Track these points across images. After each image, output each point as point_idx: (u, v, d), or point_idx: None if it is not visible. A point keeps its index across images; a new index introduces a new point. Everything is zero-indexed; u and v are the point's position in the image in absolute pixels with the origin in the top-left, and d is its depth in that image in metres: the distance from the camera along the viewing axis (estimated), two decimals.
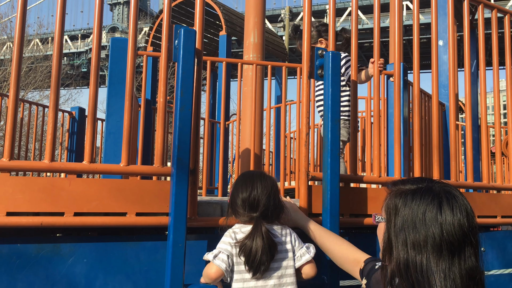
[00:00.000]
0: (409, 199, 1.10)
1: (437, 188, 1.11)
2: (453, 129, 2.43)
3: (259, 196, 1.74)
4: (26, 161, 1.83)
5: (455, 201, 1.08)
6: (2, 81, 17.58)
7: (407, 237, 1.06)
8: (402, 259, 1.05)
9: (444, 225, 1.04)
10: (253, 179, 1.79)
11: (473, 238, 1.05)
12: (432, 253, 1.02)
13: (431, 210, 1.06)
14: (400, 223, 1.08)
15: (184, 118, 1.85)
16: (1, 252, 1.72)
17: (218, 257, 1.71)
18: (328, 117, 2.05)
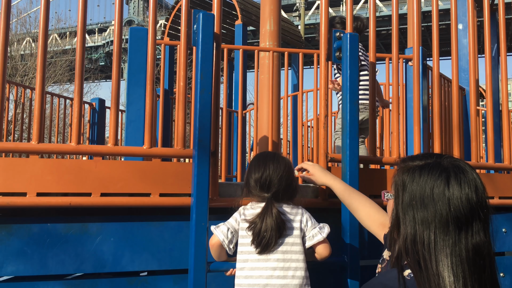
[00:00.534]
0: (416, 175, 1.09)
1: (445, 163, 1.09)
2: (474, 110, 2.42)
3: (271, 177, 1.77)
4: (53, 144, 1.90)
5: (464, 176, 1.06)
6: (23, 75, 17.92)
7: (415, 213, 1.05)
8: (410, 234, 1.05)
9: (452, 200, 1.02)
10: (266, 160, 1.82)
11: (481, 213, 1.02)
12: (439, 228, 1.02)
13: (438, 185, 1.05)
14: (408, 199, 1.07)
15: (204, 101, 1.89)
16: (33, 231, 1.80)
17: (219, 228, 1.78)
18: (346, 98, 2.06)
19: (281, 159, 1.83)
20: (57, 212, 1.85)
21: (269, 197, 1.76)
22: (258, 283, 1.69)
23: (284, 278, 1.69)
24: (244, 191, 1.86)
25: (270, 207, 1.73)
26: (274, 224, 1.70)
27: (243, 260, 1.75)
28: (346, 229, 2.06)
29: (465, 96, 4.86)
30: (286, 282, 1.68)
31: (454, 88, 2.36)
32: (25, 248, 1.78)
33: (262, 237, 1.69)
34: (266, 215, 1.71)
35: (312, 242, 1.78)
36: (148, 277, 1.92)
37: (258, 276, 1.70)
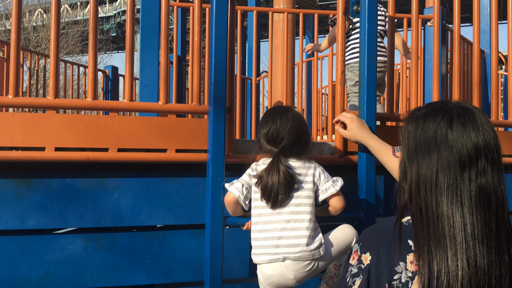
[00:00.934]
0: (420, 122, 1.05)
1: (450, 106, 1.05)
2: (495, 67, 2.36)
3: (278, 131, 1.75)
4: (70, 99, 1.90)
5: (468, 117, 1.01)
6: (36, 46, 17.97)
7: (420, 159, 1.02)
8: (414, 180, 1.02)
9: (455, 142, 0.99)
10: (275, 114, 1.79)
11: (489, 154, 0.98)
12: (441, 171, 0.98)
13: (441, 127, 1.01)
14: (413, 146, 1.04)
15: (219, 56, 1.86)
16: (52, 186, 1.83)
17: (234, 184, 1.77)
18: (364, 53, 2.02)
19: (290, 113, 1.79)
20: (76, 167, 1.87)
21: (276, 152, 1.74)
22: (273, 236, 1.70)
23: (298, 229, 1.70)
24: (256, 147, 1.85)
25: (276, 162, 1.72)
26: (282, 179, 1.69)
27: (257, 214, 1.76)
28: (362, 185, 2.05)
29: (485, 59, 4.74)
30: (300, 233, 1.70)
31: (475, 45, 2.29)
32: (45, 202, 1.81)
33: (269, 191, 1.70)
34: (272, 169, 1.71)
35: (325, 195, 1.77)
36: (166, 232, 1.95)
37: (272, 229, 1.71)
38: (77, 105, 1.89)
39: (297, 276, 1.69)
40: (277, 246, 1.69)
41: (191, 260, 1.96)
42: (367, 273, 0.98)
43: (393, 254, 0.98)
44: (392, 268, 0.97)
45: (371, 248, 1.01)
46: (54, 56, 1.78)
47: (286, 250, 1.68)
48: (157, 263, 1.91)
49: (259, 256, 1.72)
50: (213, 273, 1.79)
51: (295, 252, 1.67)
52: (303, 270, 1.70)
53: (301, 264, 1.69)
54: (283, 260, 1.68)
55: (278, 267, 1.69)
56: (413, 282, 0.95)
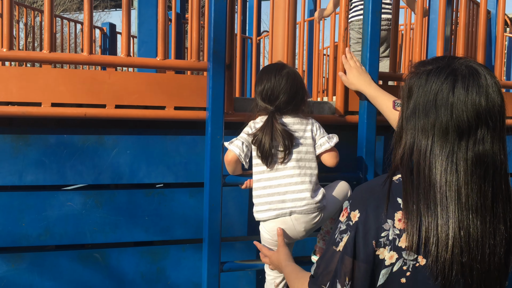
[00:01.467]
0: (423, 80, 0.99)
1: (456, 65, 0.98)
2: (501, 28, 2.29)
3: (272, 89, 1.73)
4: (65, 54, 1.86)
5: (474, 79, 0.95)
6: (33, 2, 17.54)
7: (417, 121, 0.98)
8: (409, 142, 0.98)
9: (455, 106, 0.93)
10: (269, 72, 1.77)
11: (490, 121, 0.93)
12: (437, 136, 0.94)
13: (443, 90, 0.95)
14: (412, 107, 0.99)
15: (219, 10, 1.80)
16: (50, 142, 1.81)
17: (233, 143, 1.76)
18: (368, 8, 1.95)
19: (285, 70, 1.76)
20: (73, 123, 1.84)
21: (272, 110, 1.73)
22: (278, 191, 1.71)
23: (302, 183, 1.71)
24: (253, 105, 1.84)
25: (271, 120, 1.71)
26: (279, 137, 1.68)
27: (259, 171, 1.75)
28: (362, 146, 2.04)
29: (490, 20, 4.63)
30: (304, 187, 1.71)
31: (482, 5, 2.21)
32: (43, 158, 1.80)
33: (263, 149, 1.69)
34: (266, 127, 1.70)
35: (320, 150, 1.78)
36: (165, 189, 1.95)
37: (276, 185, 1.72)
38: (72, 59, 1.84)
39: (307, 228, 1.73)
40: (283, 201, 1.70)
41: (190, 218, 1.97)
42: (354, 230, 0.97)
43: (382, 211, 0.96)
44: (380, 226, 0.95)
45: (360, 206, 0.99)
46: (49, 9, 1.72)
47: (292, 204, 1.69)
48: (156, 221, 1.92)
49: (264, 212, 1.72)
50: (211, 230, 1.80)
51: (301, 206, 1.69)
52: (312, 222, 1.73)
53: (309, 216, 1.71)
54: (290, 214, 1.70)
55: (288, 221, 1.70)
56: (400, 240, 0.94)
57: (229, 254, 2.01)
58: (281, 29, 4.51)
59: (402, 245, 0.94)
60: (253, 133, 1.74)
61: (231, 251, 2.05)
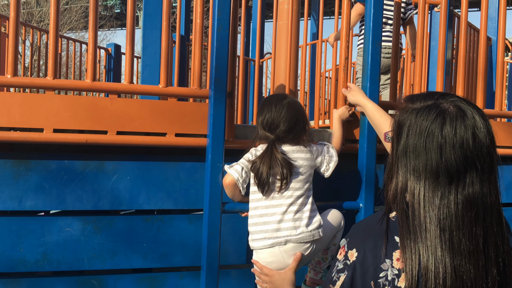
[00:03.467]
0: (412, 119, 0.98)
1: (445, 106, 0.97)
2: (501, 56, 2.31)
3: (273, 119, 1.76)
4: (69, 80, 1.88)
5: (461, 119, 0.93)
6: (39, 21, 17.78)
7: (407, 161, 0.97)
8: (401, 182, 0.98)
9: (444, 148, 0.92)
10: (271, 102, 1.80)
11: (478, 163, 0.92)
12: (429, 179, 0.94)
13: (432, 131, 0.94)
14: (402, 146, 0.99)
15: (222, 39, 1.83)
16: (50, 167, 1.82)
17: (233, 167, 1.79)
18: (368, 39, 1.98)
19: (286, 100, 1.79)
20: (74, 149, 1.85)
21: (272, 139, 1.75)
22: (274, 220, 1.71)
23: (299, 212, 1.72)
24: (255, 134, 1.85)
25: (270, 148, 1.72)
26: (278, 166, 1.70)
27: (257, 199, 1.75)
28: (362, 174, 2.04)
29: (491, 46, 4.66)
30: (300, 215, 1.71)
31: (482, 32, 2.24)
32: (43, 183, 1.81)
33: (260, 177, 1.70)
34: (265, 156, 1.72)
35: (329, 172, 1.86)
36: (164, 216, 1.95)
37: (272, 213, 1.72)
38: (76, 86, 1.87)
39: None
40: (277, 230, 1.69)
41: (189, 244, 1.96)
42: (352, 270, 0.96)
43: (380, 251, 0.95)
44: (378, 266, 0.95)
45: (357, 245, 0.99)
46: (54, 36, 1.75)
47: (287, 233, 1.69)
48: (155, 247, 1.92)
49: (259, 241, 1.72)
50: (210, 258, 1.79)
51: (296, 234, 1.69)
52: (304, 253, 1.71)
53: (302, 247, 1.70)
54: (285, 243, 1.69)
55: (277, 253, 1.69)
56: (399, 280, 0.93)
57: (227, 282, 2.00)
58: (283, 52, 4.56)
59: (402, 285, 0.93)
60: (252, 160, 1.76)
61: (229, 278, 2.03)
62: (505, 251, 0.95)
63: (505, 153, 2.37)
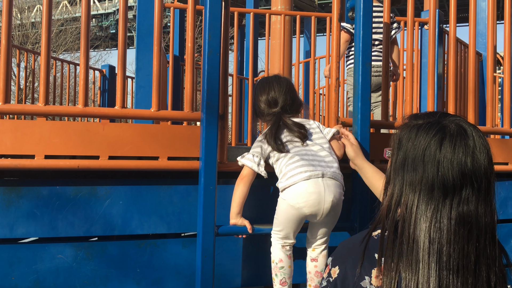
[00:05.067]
0: (413, 134, 1.00)
1: (446, 123, 0.99)
2: (491, 74, 2.34)
3: (277, 94, 1.91)
4: (60, 106, 1.88)
5: (462, 138, 0.96)
6: (35, 43, 17.88)
7: (405, 174, 0.98)
8: (396, 195, 0.99)
9: (441, 164, 0.94)
10: (269, 81, 1.97)
11: (475, 182, 0.93)
12: (423, 191, 0.95)
13: (431, 146, 0.96)
14: (401, 159, 1.00)
15: (213, 62, 1.84)
16: (42, 194, 1.80)
17: (245, 157, 1.88)
18: (359, 60, 2.00)
19: (283, 78, 1.99)
20: (66, 175, 1.85)
21: (278, 111, 1.90)
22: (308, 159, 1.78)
23: (328, 156, 1.84)
24: (259, 115, 1.98)
25: (279, 117, 1.87)
26: (291, 129, 1.84)
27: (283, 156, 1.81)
28: (355, 194, 2.04)
29: (482, 62, 4.72)
30: (331, 158, 1.84)
31: (471, 50, 2.27)
32: (35, 210, 1.79)
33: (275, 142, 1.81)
34: (275, 123, 1.86)
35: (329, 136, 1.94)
36: (157, 240, 1.93)
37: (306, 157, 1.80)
38: (67, 112, 1.87)
39: (333, 201, 1.75)
40: (314, 165, 1.77)
41: (183, 269, 1.94)
42: (333, 287, 0.98)
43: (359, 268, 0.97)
44: (358, 283, 0.95)
45: (340, 262, 1.00)
46: (45, 63, 1.75)
47: (322, 169, 1.77)
48: (148, 272, 1.89)
49: (295, 176, 1.74)
50: (204, 283, 1.77)
51: (330, 171, 1.78)
52: (338, 192, 1.78)
53: (337, 184, 1.79)
54: (322, 176, 1.75)
55: (320, 182, 1.74)
56: None
57: None
58: (276, 71, 4.60)
59: None
60: (264, 133, 1.88)
61: None
62: (497, 272, 0.95)
63: (499, 170, 2.38)
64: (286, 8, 4.38)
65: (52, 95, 6.84)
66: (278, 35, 4.29)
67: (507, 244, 2.43)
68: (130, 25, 26.64)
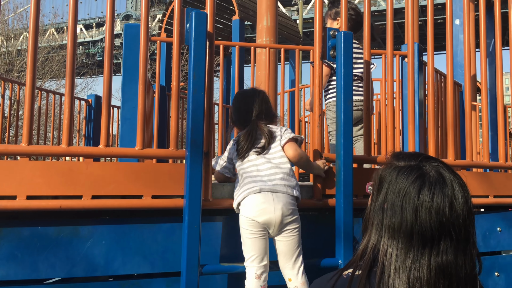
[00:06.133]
0: (393, 176, 1.00)
1: (426, 169, 0.99)
2: (469, 108, 2.40)
3: (252, 104, 2.08)
4: (44, 146, 1.87)
5: (440, 186, 0.95)
6: (20, 70, 17.82)
7: (384, 217, 0.98)
8: (374, 238, 0.98)
9: (420, 211, 0.93)
10: (245, 93, 2.20)
11: (453, 232, 0.93)
12: (403, 239, 0.94)
13: (410, 192, 0.96)
14: (381, 201, 1.00)
15: (197, 101, 1.87)
16: (23, 235, 1.78)
17: (214, 159, 2.14)
18: (340, 97, 2.04)
19: (258, 90, 2.17)
20: (48, 215, 1.83)
21: (253, 119, 2.04)
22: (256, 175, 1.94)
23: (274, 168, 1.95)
24: (231, 126, 2.18)
25: (255, 125, 2.02)
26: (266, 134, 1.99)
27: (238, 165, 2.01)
28: (340, 229, 2.05)
29: (462, 92, 4.84)
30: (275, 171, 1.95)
31: (449, 88, 2.34)
32: (16, 252, 1.76)
33: (241, 149, 1.99)
34: (250, 134, 1.99)
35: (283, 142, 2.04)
36: (141, 280, 1.91)
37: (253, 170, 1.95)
38: (51, 152, 1.86)
39: (283, 210, 1.86)
40: (255, 181, 1.91)
41: None
42: None
43: None
44: None
45: None
46: (29, 103, 1.76)
47: (262, 184, 1.90)
48: None
49: (245, 192, 1.90)
50: None
51: (272, 184, 1.90)
52: (287, 202, 1.88)
53: (284, 196, 1.89)
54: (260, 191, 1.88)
55: (269, 195, 1.87)
56: None
57: None
58: None
59: None
60: (235, 139, 2.06)
61: None
62: None
63: (480, 203, 2.42)
64: (271, 39, 4.46)
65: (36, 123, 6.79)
66: (263, 66, 4.35)
67: (490, 277, 2.45)
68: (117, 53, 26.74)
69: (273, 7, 4.56)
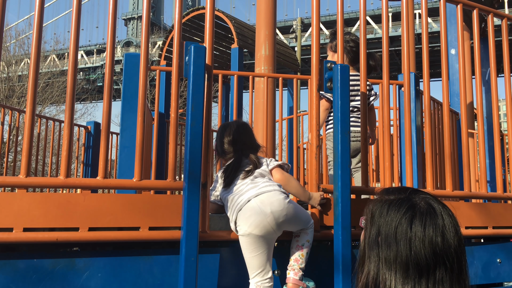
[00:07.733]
0: (384, 210, 1.04)
1: (416, 200, 1.03)
2: (465, 139, 2.41)
3: (238, 135, 2.17)
4: (42, 178, 1.88)
5: (431, 217, 0.99)
6: (21, 96, 17.94)
7: (379, 251, 1.00)
8: (372, 272, 1.00)
9: (413, 242, 0.96)
10: (230, 125, 2.25)
11: (448, 262, 0.96)
12: (399, 271, 0.96)
13: (402, 224, 0.99)
14: (374, 235, 1.03)
15: (195, 133, 1.88)
16: (18, 268, 1.76)
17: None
18: (338, 129, 2.06)
19: (242, 122, 2.28)
20: (44, 247, 1.81)
21: (239, 149, 2.13)
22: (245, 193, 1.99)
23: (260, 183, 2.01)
24: (217, 158, 2.24)
25: (240, 155, 2.10)
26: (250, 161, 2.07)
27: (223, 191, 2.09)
28: (338, 261, 2.03)
29: (459, 120, 4.88)
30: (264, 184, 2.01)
31: (445, 117, 2.36)
32: (11, 285, 1.74)
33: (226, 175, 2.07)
34: (234, 165, 2.08)
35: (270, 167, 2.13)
36: None
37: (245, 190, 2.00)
38: (49, 184, 1.86)
39: (273, 211, 1.90)
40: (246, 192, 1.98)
41: None
42: None
43: None
44: None
45: None
46: (28, 136, 1.77)
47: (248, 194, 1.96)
48: None
49: (235, 208, 1.95)
50: None
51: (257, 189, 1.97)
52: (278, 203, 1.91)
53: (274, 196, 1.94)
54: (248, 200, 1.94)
55: (254, 204, 1.92)
56: None
57: None
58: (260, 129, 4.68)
59: None
60: (223, 170, 2.12)
61: None
62: None
63: (479, 234, 2.41)
64: (269, 68, 4.52)
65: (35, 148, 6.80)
66: (261, 95, 4.39)
67: None
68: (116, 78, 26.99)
69: (271, 36, 4.64)
